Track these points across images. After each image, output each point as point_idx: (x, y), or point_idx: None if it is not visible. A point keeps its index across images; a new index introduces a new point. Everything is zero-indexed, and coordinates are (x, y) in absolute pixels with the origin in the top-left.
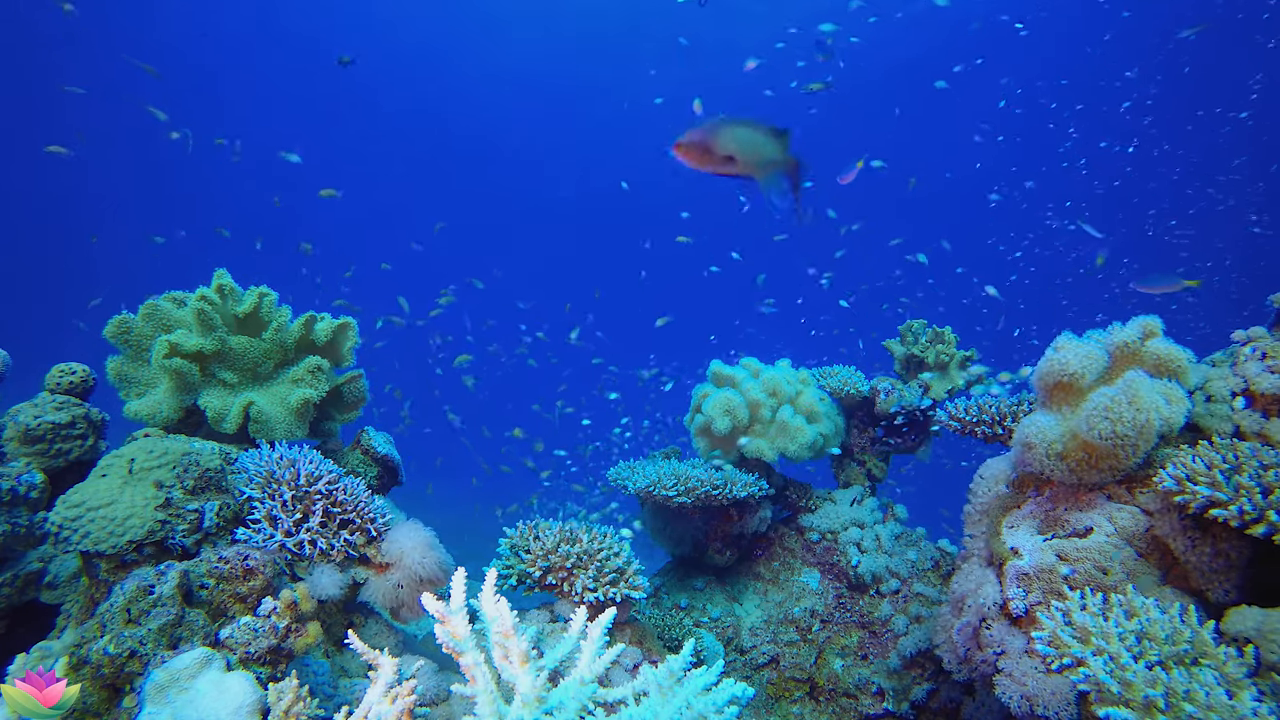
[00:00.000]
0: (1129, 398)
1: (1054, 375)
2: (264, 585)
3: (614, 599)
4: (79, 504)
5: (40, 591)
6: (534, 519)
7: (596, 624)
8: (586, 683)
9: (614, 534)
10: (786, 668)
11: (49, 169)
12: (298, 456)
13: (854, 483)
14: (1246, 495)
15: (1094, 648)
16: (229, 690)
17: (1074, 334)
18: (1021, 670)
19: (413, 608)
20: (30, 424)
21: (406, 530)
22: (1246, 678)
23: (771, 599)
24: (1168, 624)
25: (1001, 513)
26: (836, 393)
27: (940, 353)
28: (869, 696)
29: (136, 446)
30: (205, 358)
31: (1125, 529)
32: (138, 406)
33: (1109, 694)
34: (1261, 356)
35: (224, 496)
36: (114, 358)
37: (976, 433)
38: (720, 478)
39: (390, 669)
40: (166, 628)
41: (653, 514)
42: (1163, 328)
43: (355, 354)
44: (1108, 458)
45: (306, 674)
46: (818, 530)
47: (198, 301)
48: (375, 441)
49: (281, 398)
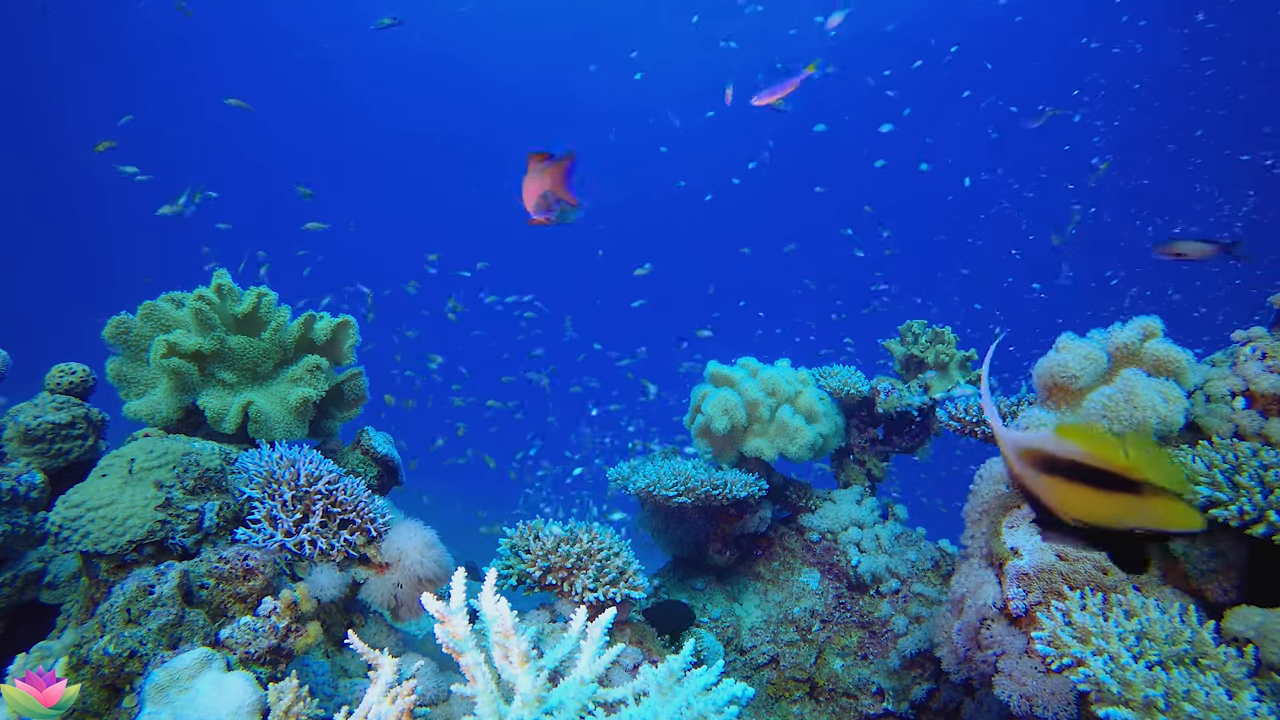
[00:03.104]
0: (1126, 396)
1: (1054, 375)
2: (264, 585)
3: (614, 599)
4: (79, 504)
5: (40, 591)
6: (534, 519)
7: (596, 624)
8: (586, 683)
9: (614, 534)
10: (786, 668)
11: (50, 168)
12: (298, 456)
13: (854, 483)
14: (1246, 495)
15: (1094, 648)
16: (229, 690)
17: (1075, 335)
18: (1021, 670)
19: (412, 607)
20: (30, 424)
21: (406, 530)
22: (1246, 678)
23: (771, 599)
24: (1168, 624)
25: (1002, 512)
26: (836, 393)
27: (940, 353)
28: (869, 696)
29: (136, 446)
30: (204, 357)
31: None
32: (137, 406)
33: (1109, 694)
34: (1261, 356)
35: (224, 496)
36: (113, 358)
37: (976, 433)
38: (720, 478)
39: (390, 669)
40: (166, 628)
41: (652, 514)
42: (1163, 328)
43: (355, 352)
44: None
45: (306, 674)
46: (818, 530)
47: (196, 301)
48: (375, 441)
49: (281, 397)
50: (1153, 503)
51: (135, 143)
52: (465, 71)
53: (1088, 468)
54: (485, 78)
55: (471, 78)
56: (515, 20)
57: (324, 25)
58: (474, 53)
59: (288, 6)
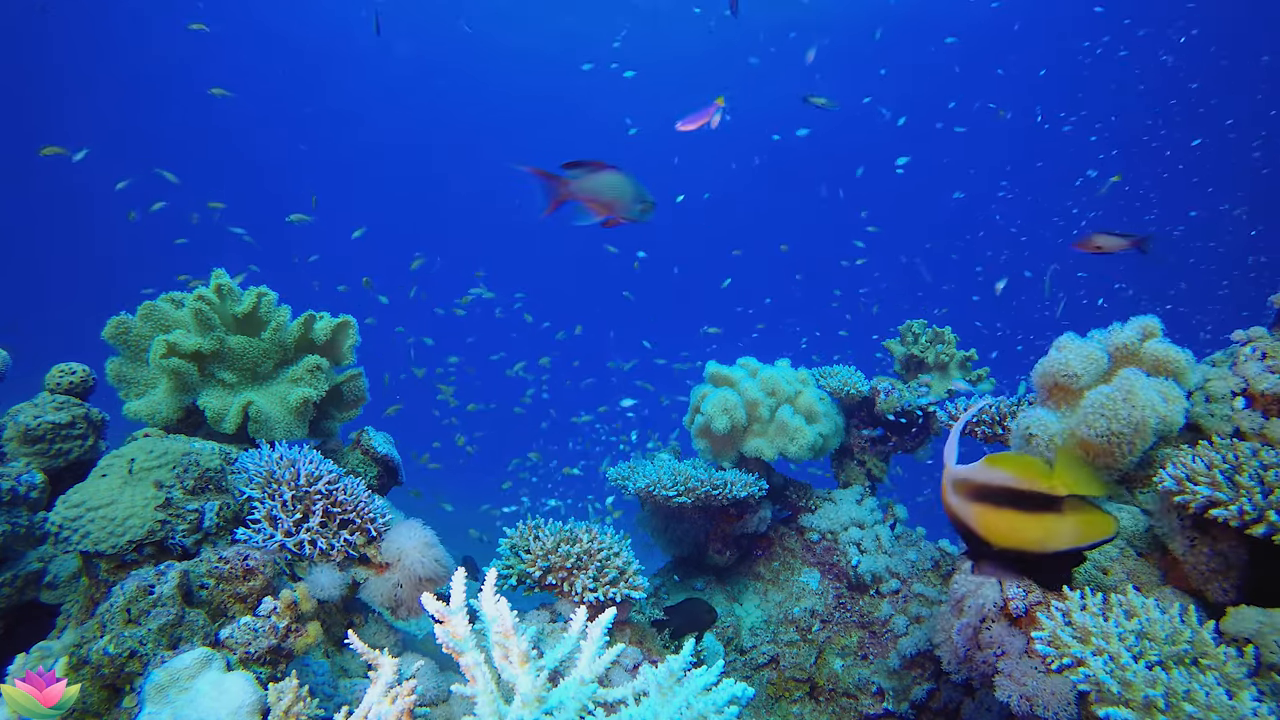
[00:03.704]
0: (1124, 395)
1: (1055, 374)
2: (264, 585)
3: (614, 599)
4: (79, 504)
5: (40, 591)
6: (534, 519)
7: (596, 624)
8: (586, 682)
9: (614, 534)
10: (786, 668)
11: (50, 169)
12: (297, 456)
13: (854, 483)
14: (1246, 495)
15: (1094, 648)
16: (229, 690)
17: (1076, 335)
18: (1021, 670)
19: (412, 607)
20: (30, 424)
21: (406, 530)
22: (1246, 678)
23: (771, 599)
24: (1168, 624)
25: None
26: (836, 393)
27: (940, 353)
28: (869, 696)
29: (136, 446)
30: (204, 357)
31: (1125, 529)
32: (137, 406)
33: (1109, 694)
34: (1261, 356)
35: (224, 496)
36: (113, 358)
37: (976, 433)
38: (720, 478)
39: (390, 669)
40: (166, 628)
41: (652, 514)
42: (1162, 329)
43: (355, 352)
44: (1105, 456)
45: (306, 674)
46: (818, 530)
47: (195, 301)
48: (375, 441)
49: (281, 397)
50: (1072, 519)
51: (135, 142)
52: (464, 74)
53: (1014, 491)
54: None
55: (470, 81)
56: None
57: (322, 28)
58: (473, 55)
59: (287, 10)
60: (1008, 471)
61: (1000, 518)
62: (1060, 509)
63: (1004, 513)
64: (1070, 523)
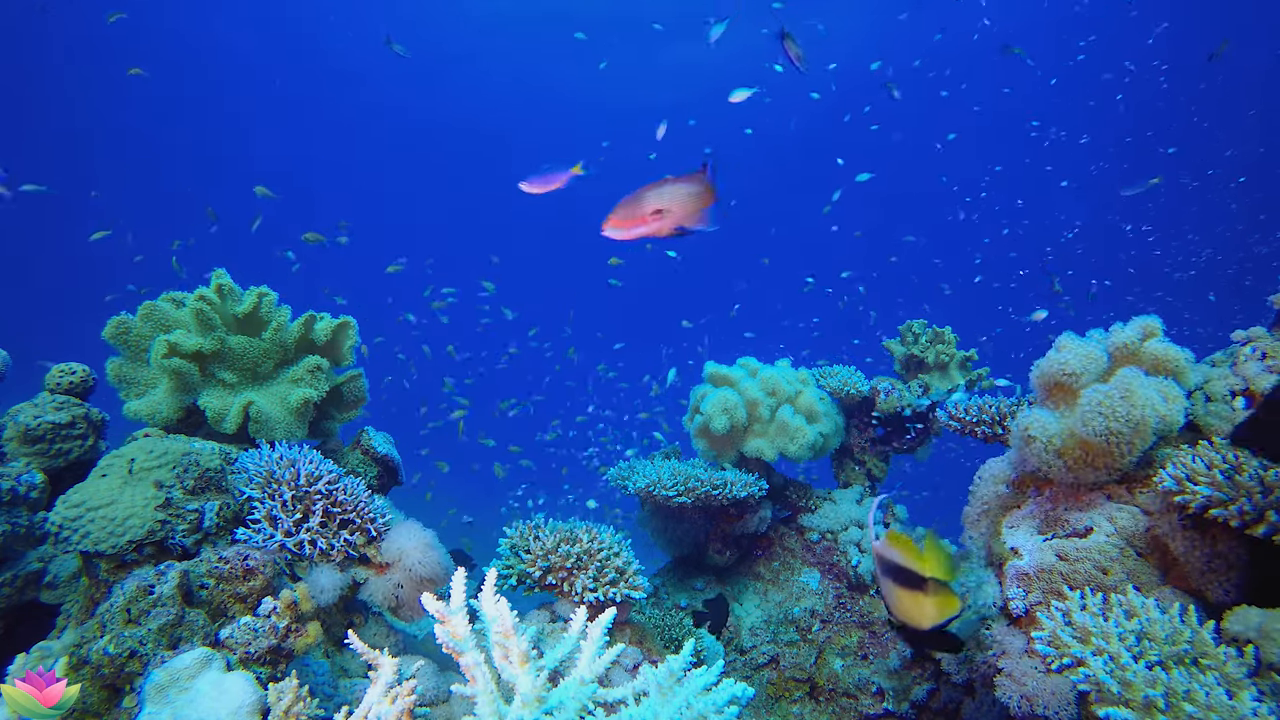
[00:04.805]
0: (1123, 393)
1: (1054, 374)
2: (264, 585)
3: (614, 599)
4: (79, 504)
5: (40, 591)
6: (534, 518)
7: (596, 624)
8: (586, 683)
9: (614, 534)
10: (786, 668)
11: (50, 168)
12: (298, 456)
13: (854, 483)
14: (1246, 495)
15: (1094, 648)
16: (229, 690)
17: (1076, 334)
18: (1021, 670)
19: (413, 607)
20: (30, 424)
21: (406, 530)
22: (1246, 678)
23: (771, 599)
24: (1168, 624)
25: (1001, 513)
26: (836, 393)
27: (940, 353)
28: (869, 696)
29: (136, 446)
30: (204, 358)
31: (1125, 529)
32: (137, 406)
33: (1109, 694)
34: (1261, 356)
35: (224, 496)
36: (113, 358)
37: (976, 433)
38: (720, 478)
39: (390, 669)
40: (166, 628)
41: (652, 514)
42: (1162, 328)
43: (355, 353)
44: (1104, 455)
45: (306, 674)
46: (818, 530)
47: (196, 301)
48: (375, 441)
49: (281, 397)
50: (933, 598)
51: (134, 142)
52: (480, 69)
53: (900, 568)
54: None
55: (485, 76)
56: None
57: (323, 30)
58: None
59: (288, 9)
60: (898, 550)
61: (893, 593)
62: (925, 588)
63: (897, 589)
64: (931, 601)
